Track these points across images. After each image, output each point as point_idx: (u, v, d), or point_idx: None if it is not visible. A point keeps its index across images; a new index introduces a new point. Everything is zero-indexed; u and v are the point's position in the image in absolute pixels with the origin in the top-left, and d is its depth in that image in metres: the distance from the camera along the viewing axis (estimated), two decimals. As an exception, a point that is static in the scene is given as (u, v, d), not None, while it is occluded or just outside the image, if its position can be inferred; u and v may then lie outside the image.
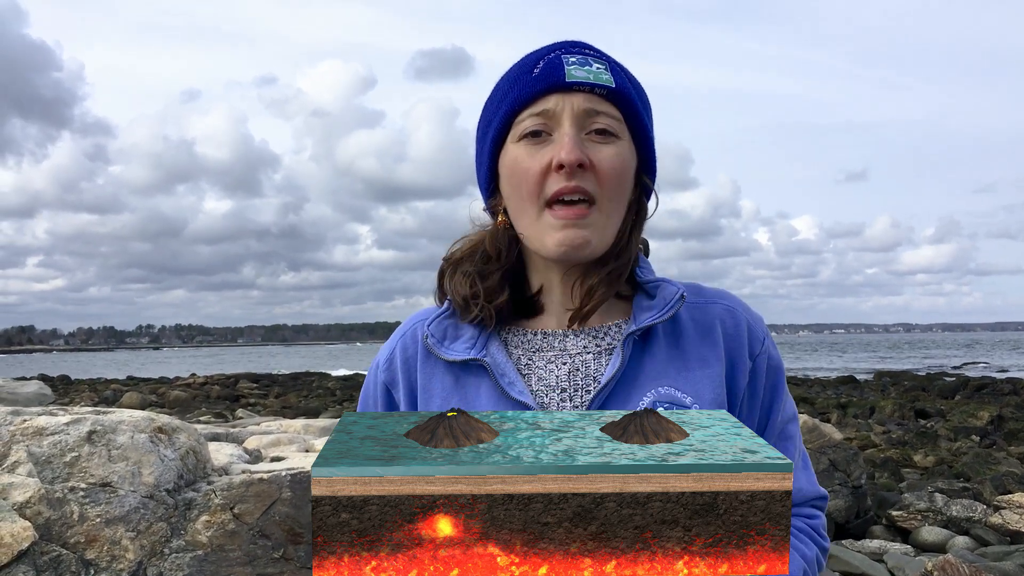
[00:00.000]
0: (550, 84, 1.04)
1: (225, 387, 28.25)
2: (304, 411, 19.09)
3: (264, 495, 3.39)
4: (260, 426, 6.11)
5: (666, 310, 1.08)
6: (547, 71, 1.05)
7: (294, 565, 3.33)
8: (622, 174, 1.06)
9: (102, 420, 3.29)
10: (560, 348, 1.11)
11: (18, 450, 3.11)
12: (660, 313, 1.08)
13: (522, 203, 1.07)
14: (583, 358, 1.10)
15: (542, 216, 1.05)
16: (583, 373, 1.09)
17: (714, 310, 1.13)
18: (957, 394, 22.00)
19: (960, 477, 9.50)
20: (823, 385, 27.40)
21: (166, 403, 21.41)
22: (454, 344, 1.11)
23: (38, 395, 10.52)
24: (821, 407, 18.22)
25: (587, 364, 1.09)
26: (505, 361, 1.09)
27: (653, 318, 1.08)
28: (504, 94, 1.09)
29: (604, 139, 1.05)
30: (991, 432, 13.42)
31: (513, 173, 1.07)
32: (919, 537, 7.06)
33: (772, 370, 1.13)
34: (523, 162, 1.05)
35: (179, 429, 3.50)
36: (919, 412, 16.95)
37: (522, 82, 1.07)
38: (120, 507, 3.08)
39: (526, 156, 1.05)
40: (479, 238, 1.16)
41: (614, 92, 1.05)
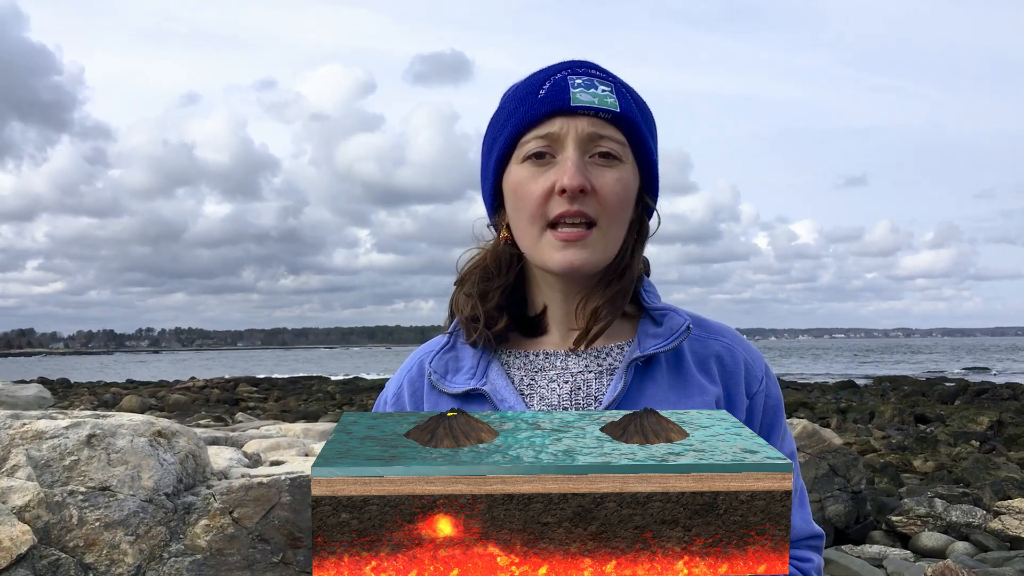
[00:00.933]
0: (555, 107, 1.06)
1: (225, 390, 28.25)
2: (304, 415, 19.07)
3: (263, 499, 3.39)
4: (260, 430, 6.11)
5: (671, 340, 1.10)
6: (552, 93, 1.06)
7: (293, 569, 3.33)
8: (624, 198, 1.07)
9: (101, 424, 3.29)
10: (562, 367, 1.13)
11: (17, 454, 3.11)
12: (665, 343, 1.10)
13: (524, 223, 1.08)
14: (584, 377, 1.12)
15: (543, 236, 1.07)
16: (584, 392, 1.11)
17: (713, 346, 1.15)
18: (957, 399, 21.99)
19: (960, 482, 9.49)
20: (823, 390, 27.39)
21: (165, 406, 21.41)
22: (455, 377, 1.14)
23: (37, 398, 10.51)
24: (821, 412, 18.21)
25: (588, 384, 1.11)
26: (505, 386, 1.11)
27: (658, 347, 1.10)
28: (509, 114, 1.10)
29: (607, 163, 1.06)
30: (991, 437, 13.42)
31: (516, 194, 1.09)
32: (919, 542, 7.05)
33: (770, 408, 1.15)
34: (527, 184, 1.07)
35: (178, 433, 3.50)
36: (919, 417, 16.95)
37: (528, 103, 1.08)
38: (119, 511, 3.07)
39: (529, 178, 1.07)
40: (482, 256, 1.19)
41: (618, 116, 1.07)
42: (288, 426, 6.16)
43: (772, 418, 1.15)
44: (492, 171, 1.13)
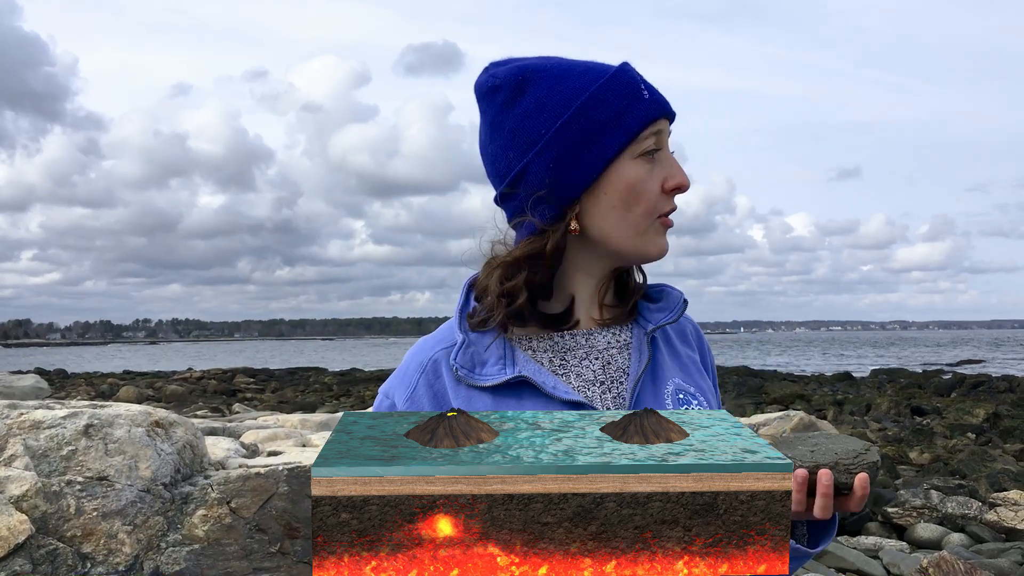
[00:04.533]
0: (664, 111, 1.15)
1: (222, 382, 28.24)
2: (301, 406, 19.09)
3: (261, 489, 3.39)
4: (257, 421, 6.11)
5: (675, 312, 1.21)
6: (654, 97, 1.15)
7: (291, 559, 3.33)
8: None
9: (99, 414, 3.29)
10: (590, 345, 1.19)
11: (15, 443, 3.11)
12: (671, 315, 1.21)
13: (632, 216, 1.15)
14: (610, 353, 1.19)
15: (651, 225, 1.16)
16: (614, 367, 1.18)
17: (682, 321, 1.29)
18: (953, 392, 22.04)
19: (956, 474, 9.52)
20: (819, 382, 27.44)
21: (163, 397, 21.40)
22: (484, 369, 1.14)
23: (34, 389, 10.51)
24: (817, 404, 18.25)
25: (614, 358, 1.19)
26: (539, 369, 1.13)
27: (666, 319, 1.21)
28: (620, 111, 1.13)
29: None
30: (987, 430, 13.46)
31: (634, 189, 1.14)
32: (914, 534, 7.08)
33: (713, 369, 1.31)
34: (646, 182, 1.14)
35: (176, 423, 3.50)
36: (915, 409, 16.98)
37: (640, 102, 1.14)
38: (117, 501, 3.07)
39: (646, 176, 1.14)
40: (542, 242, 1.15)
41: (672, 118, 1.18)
42: (286, 417, 6.16)
43: (714, 378, 1.30)
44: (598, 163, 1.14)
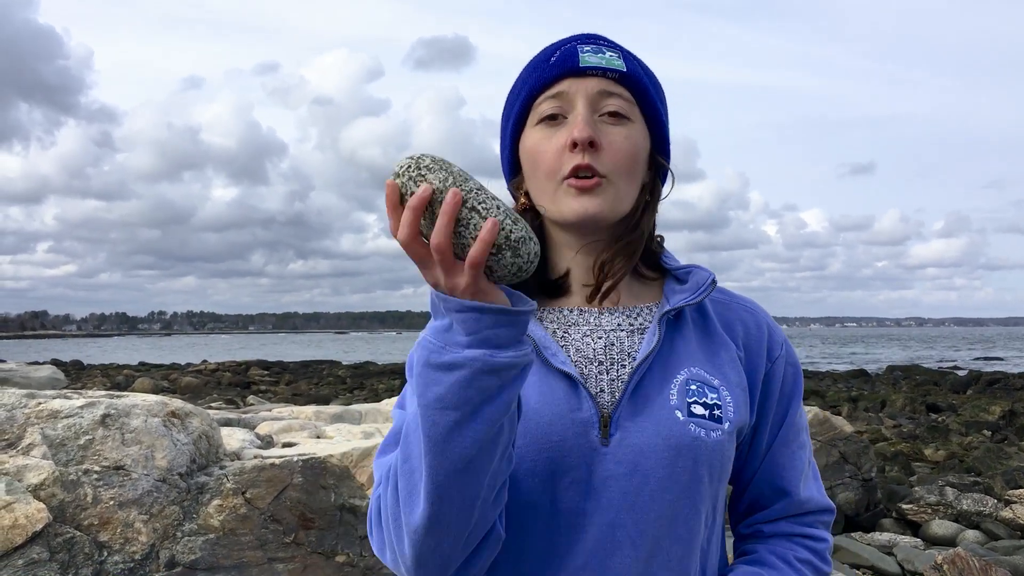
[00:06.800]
0: (565, 69, 1.11)
1: (236, 374, 28.40)
2: (315, 398, 19.16)
3: (276, 480, 3.41)
4: (271, 412, 6.14)
5: (699, 293, 1.13)
6: (562, 58, 1.12)
7: (305, 550, 3.35)
8: (633, 154, 1.11)
9: (116, 404, 3.31)
10: (595, 324, 1.14)
11: (33, 432, 3.14)
12: (693, 295, 1.13)
13: (542, 180, 1.12)
14: (617, 335, 1.13)
15: (559, 188, 1.10)
16: (618, 348, 1.12)
17: (738, 311, 1.19)
18: (969, 389, 21.88)
19: (971, 471, 9.46)
20: (834, 378, 27.32)
21: (178, 389, 21.53)
22: None
23: (51, 379, 10.60)
24: (832, 400, 18.17)
25: (621, 340, 1.13)
26: (544, 335, 1.12)
27: (686, 300, 1.13)
28: (523, 82, 1.16)
29: (616, 121, 1.10)
30: (1003, 427, 13.36)
31: (533, 154, 1.13)
32: (929, 530, 7.04)
33: (792, 376, 1.18)
34: (541, 144, 1.12)
35: (192, 414, 3.52)
36: (930, 406, 16.88)
37: (540, 69, 1.14)
38: (133, 490, 3.10)
39: (543, 138, 1.11)
40: None
41: (626, 76, 1.11)
42: (300, 409, 6.18)
43: (792, 386, 1.18)
44: (509, 138, 1.18)
